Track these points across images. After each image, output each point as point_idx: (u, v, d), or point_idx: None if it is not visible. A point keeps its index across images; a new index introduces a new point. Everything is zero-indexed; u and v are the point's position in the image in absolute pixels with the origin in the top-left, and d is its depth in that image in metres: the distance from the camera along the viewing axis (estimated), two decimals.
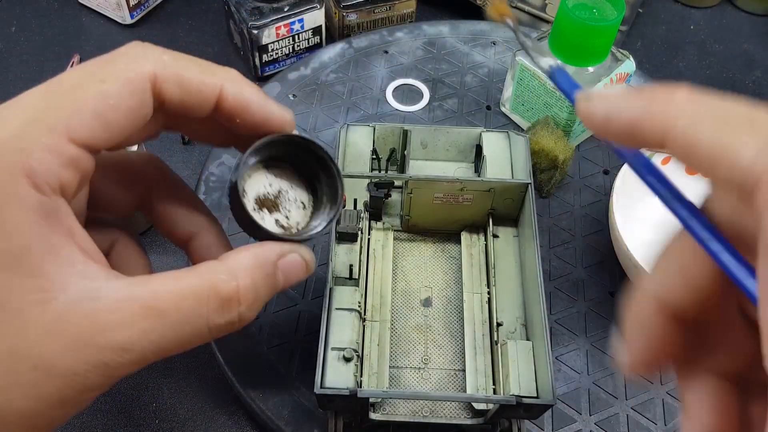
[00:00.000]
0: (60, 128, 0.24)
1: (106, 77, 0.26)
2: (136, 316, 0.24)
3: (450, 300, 0.42)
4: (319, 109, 0.56)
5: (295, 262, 0.29)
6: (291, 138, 0.30)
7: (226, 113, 0.28)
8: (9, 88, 0.58)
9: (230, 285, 0.26)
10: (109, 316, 0.24)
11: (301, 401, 0.41)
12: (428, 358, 0.40)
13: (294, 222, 0.31)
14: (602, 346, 0.44)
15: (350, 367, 0.34)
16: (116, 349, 0.24)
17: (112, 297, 0.24)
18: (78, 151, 0.25)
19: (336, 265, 0.39)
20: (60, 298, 0.23)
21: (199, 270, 0.26)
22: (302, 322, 0.44)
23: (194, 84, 0.27)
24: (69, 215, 0.25)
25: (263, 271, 0.27)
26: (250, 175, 0.32)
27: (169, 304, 0.25)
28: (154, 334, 0.24)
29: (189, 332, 0.25)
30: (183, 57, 0.28)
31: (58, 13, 0.65)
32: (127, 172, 0.31)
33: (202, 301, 0.25)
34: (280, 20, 0.56)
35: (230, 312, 0.26)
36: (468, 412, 0.37)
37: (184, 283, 0.25)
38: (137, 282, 0.25)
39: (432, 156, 0.46)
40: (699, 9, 0.71)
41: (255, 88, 0.29)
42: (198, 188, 0.50)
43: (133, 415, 0.42)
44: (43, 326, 0.23)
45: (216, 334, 0.26)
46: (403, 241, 0.45)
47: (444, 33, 0.62)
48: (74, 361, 0.23)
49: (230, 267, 0.27)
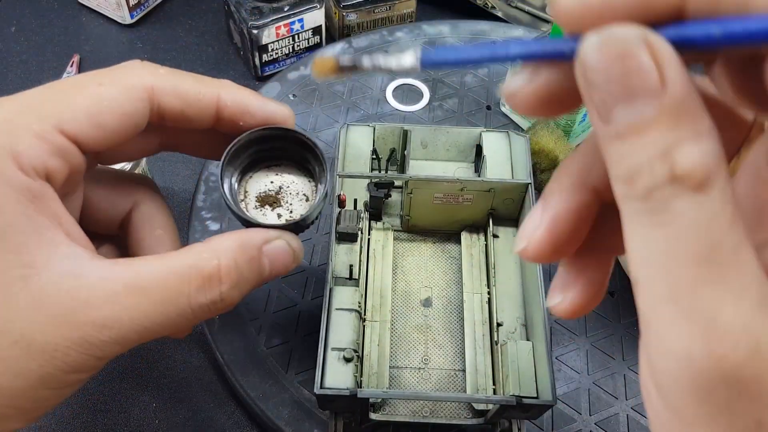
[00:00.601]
0: (51, 119, 0.25)
1: (104, 81, 0.26)
2: (119, 294, 0.24)
3: (450, 300, 0.42)
4: (319, 109, 0.56)
5: (281, 248, 0.29)
6: (257, 134, 0.31)
7: (228, 118, 0.29)
8: (9, 88, 0.58)
9: (212, 263, 0.26)
10: (91, 293, 0.24)
11: (301, 401, 0.41)
12: (428, 358, 0.40)
13: (297, 214, 0.32)
14: (602, 346, 0.44)
15: (350, 367, 0.34)
16: (97, 325, 0.24)
17: (95, 275, 0.24)
18: (66, 143, 0.25)
19: (336, 265, 0.39)
20: (42, 275, 0.24)
21: (182, 252, 0.27)
22: (302, 322, 0.44)
23: (192, 93, 0.28)
24: (55, 200, 0.25)
25: (246, 254, 0.28)
26: (251, 176, 0.32)
27: (152, 282, 0.25)
28: (137, 312, 0.25)
29: (172, 311, 0.25)
30: (179, 71, 0.29)
31: (57, 13, 0.65)
32: (118, 188, 0.32)
33: (184, 279, 0.26)
34: (280, 20, 0.56)
35: (212, 290, 0.26)
36: (468, 412, 0.37)
37: (167, 262, 0.26)
38: (121, 262, 0.25)
39: (432, 156, 0.46)
40: None
41: (251, 92, 0.30)
42: (198, 188, 0.50)
43: (132, 415, 0.42)
44: (25, 301, 0.23)
45: (199, 314, 0.26)
46: (403, 241, 0.45)
47: (444, 33, 0.62)
48: (54, 336, 0.23)
49: (213, 247, 0.27)
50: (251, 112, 0.29)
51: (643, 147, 0.16)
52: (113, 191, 0.31)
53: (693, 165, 0.15)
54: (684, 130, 0.15)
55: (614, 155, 0.16)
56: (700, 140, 0.15)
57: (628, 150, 0.16)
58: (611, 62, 0.15)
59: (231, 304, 0.28)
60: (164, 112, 0.28)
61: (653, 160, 0.15)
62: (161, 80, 0.27)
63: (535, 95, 0.18)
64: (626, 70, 0.15)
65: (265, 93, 0.56)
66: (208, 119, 0.29)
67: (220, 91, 0.29)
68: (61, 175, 0.25)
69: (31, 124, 0.24)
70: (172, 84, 0.27)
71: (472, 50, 0.19)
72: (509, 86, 0.18)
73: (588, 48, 0.16)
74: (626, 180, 0.16)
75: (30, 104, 0.25)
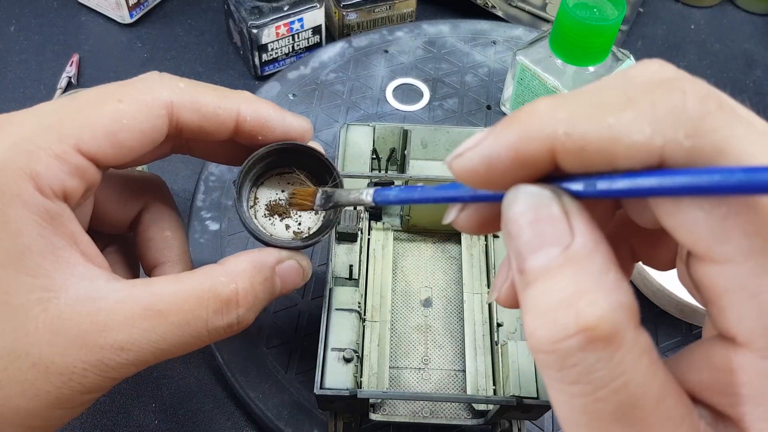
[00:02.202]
0: (70, 138, 0.24)
1: (123, 97, 0.26)
2: (137, 316, 0.24)
3: (450, 300, 0.42)
4: (319, 109, 0.55)
5: (293, 268, 0.29)
6: (274, 149, 0.30)
7: (247, 132, 0.29)
8: (8, 87, 0.58)
9: (229, 287, 0.26)
10: (109, 316, 0.24)
11: (301, 402, 0.41)
12: (428, 358, 0.40)
13: (305, 227, 0.31)
14: None
15: (350, 367, 0.34)
16: (115, 348, 0.24)
17: (112, 297, 0.24)
18: (85, 163, 0.25)
19: (336, 266, 0.39)
20: (61, 297, 0.24)
21: (198, 273, 0.27)
22: (302, 322, 0.44)
23: (211, 109, 0.28)
24: (72, 220, 0.25)
25: (261, 275, 0.28)
26: (262, 183, 0.32)
27: (170, 306, 0.25)
28: (154, 335, 0.25)
29: (188, 334, 0.25)
30: (199, 84, 0.28)
31: (57, 12, 0.65)
32: (128, 190, 0.32)
33: (202, 303, 0.26)
34: (279, 19, 0.56)
35: (229, 314, 0.26)
36: (468, 412, 0.37)
37: (184, 285, 0.26)
38: (138, 284, 0.25)
39: (432, 156, 0.46)
40: (699, 8, 0.70)
41: (270, 104, 0.30)
42: (197, 188, 0.50)
43: (132, 415, 0.42)
44: (43, 324, 0.23)
45: (215, 336, 0.26)
46: (403, 241, 0.45)
47: (444, 32, 0.62)
48: (72, 359, 0.23)
49: (229, 270, 0.27)
50: (271, 127, 0.29)
51: (550, 294, 0.16)
52: (124, 193, 0.31)
53: (597, 318, 0.15)
54: (589, 281, 0.16)
55: (526, 305, 0.17)
56: (605, 292, 0.15)
57: (537, 297, 0.16)
58: (525, 215, 0.17)
59: (246, 326, 0.28)
60: (182, 126, 0.27)
61: (558, 309, 0.16)
62: (180, 96, 0.27)
63: (468, 222, 0.20)
64: (539, 222, 0.17)
65: (264, 92, 0.56)
66: (227, 133, 0.29)
67: (240, 106, 0.28)
68: (78, 193, 0.25)
69: (50, 144, 0.24)
70: (192, 99, 0.27)
71: (413, 191, 0.23)
72: (448, 215, 0.21)
73: (506, 203, 0.17)
74: (531, 334, 0.16)
75: (50, 123, 0.25)
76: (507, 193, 0.17)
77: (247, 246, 0.47)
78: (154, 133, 0.26)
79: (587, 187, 0.17)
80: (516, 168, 0.17)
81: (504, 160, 0.17)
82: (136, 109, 0.26)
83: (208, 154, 0.32)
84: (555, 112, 0.16)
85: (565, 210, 0.17)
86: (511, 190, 0.17)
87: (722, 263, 0.15)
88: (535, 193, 0.17)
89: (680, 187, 0.15)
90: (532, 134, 0.17)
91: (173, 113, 0.27)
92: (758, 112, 0.62)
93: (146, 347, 0.25)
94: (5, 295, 0.23)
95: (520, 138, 0.17)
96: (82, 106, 0.25)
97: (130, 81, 0.27)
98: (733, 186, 0.14)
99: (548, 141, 0.16)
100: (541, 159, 0.17)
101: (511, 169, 0.17)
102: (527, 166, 0.17)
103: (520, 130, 0.17)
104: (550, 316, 0.16)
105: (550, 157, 0.17)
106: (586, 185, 0.17)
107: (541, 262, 0.16)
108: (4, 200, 0.23)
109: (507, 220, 0.17)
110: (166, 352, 0.25)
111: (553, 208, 0.17)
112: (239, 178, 0.29)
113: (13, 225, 0.23)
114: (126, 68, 0.61)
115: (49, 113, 0.25)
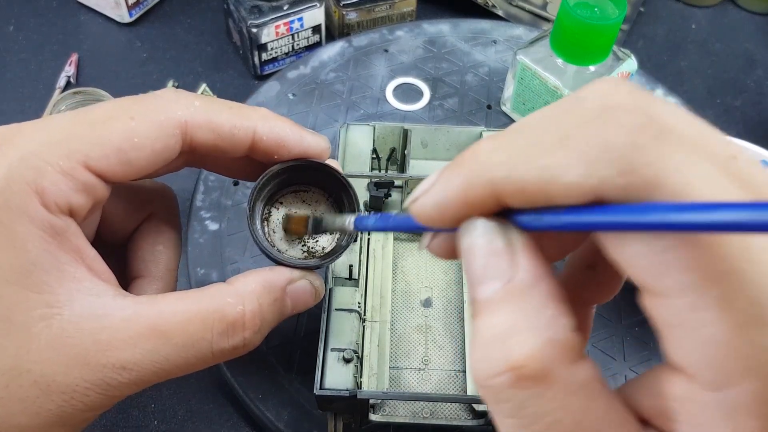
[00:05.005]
0: (78, 154, 0.24)
1: (135, 115, 0.25)
2: (141, 336, 0.24)
3: (450, 300, 0.42)
4: (319, 109, 0.55)
5: (304, 288, 0.29)
6: (289, 166, 0.29)
7: (262, 152, 0.28)
8: (7, 87, 0.58)
9: (236, 309, 0.26)
10: (113, 335, 0.24)
11: (301, 402, 0.41)
12: (428, 358, 0.40)
13: (320, 247, 0.31)
14: (603, 347, 0.44)
15: (350, 368, 0.34)
16: (117, 368, 0.24)
17: (117, 315, 0.24)
18: (93, 179, 0.25)
19: (336, 266, 0.39)
20: (64, 314, 0.23)
21: (206, 292, 0.26)
22: (302, 322, 0.44)
23: (227, 128, 0.27)
24: (78, 235, 0.25)
25: (271, 296, 0.27)
26: (278, 199, 0.31)
27: (175, 326, 0.25)
28: (157, 356, 0.24)
29: (192, 355, 0.25)
30: (214, 101, 0.28)
31: (56, 11, 0.65)
32: (135, 201, 0.31)
33: (207, 324, 0.25)
34: (279, 19, 0.56)
35: (235, 337, 0.26)
36: (468, 413, 0.37)
37: (190, 305, 0.25)
38: (144, 301, 0.25)
39: (432, 155, 0.46)
40: (700, 8, 0.70)
41: (288, 122, 0.29)
42: (197, 188, 0.50)
43: (132, 415, 0.42)
44: (47, 342, 0.23)
45: (219, 358, 0.26)
46: (403, 241, 0.45)
47: (444, 32, 0.62)
48: (74, 377, 0.23)
49: (238, 290, 0.26)
50: (288, 146, 0.29)
51: (488, 329, 0.16)
52: (130, 204, 0.31)
53: (525, 357, 0.15)
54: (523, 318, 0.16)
55: (473, 334, 0.17)
56: (537, 330, 0.16)
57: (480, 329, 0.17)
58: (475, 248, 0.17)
59: (252, 347, 0.27)
60: (196, 145, 0.27)
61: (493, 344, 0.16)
62: (195, 114, 0.26)
63: (440, 249, 0.21)
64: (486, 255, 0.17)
65: (264, 92, 0.56)
66: (242, 151, 0.28)
67: (256, 124, 0.28)
68: (84, 209, 0.25)
69: (57, 160, 0.24)
70: (207, 118, 0.27)
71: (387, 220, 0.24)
72: (422, 242, 0.21)
73: (459, 235, 0.18)
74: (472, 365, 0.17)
75: (59, 138, 0.24)
76: (461, 226, 0.18)
77: (246, 246, 0.47)
78: (165, 152, 0.26)
79: (534, 220, 0.17)
80: (466, 209, 0.18)
81: (453, 203, 0.18)
82: (149, 127, 0.25)
83: (223, 170, 0.32)
84: (494, 156, 0.17)
85: (510, 244, 0.17)
86: (464, 224, 0.18)
87: (663, 297, 0.15)
88: (484, 226, 0.18)
89: (612, 223, 0.15)
90: (474, 180, 0.17)
91: (187, 132, 0.26)
92: (758, 112, 0.62)
93: (149, 367, 0.24)
94: (8, 312, 0.23)
95: (464, 183, 0.17)
96: (94, 121, 0.25)
97: (144, 97, 0.26)
98: (655, 224, 0.14)
99: (490, 185, 0.17)
100: (487, 200, 0.17)
101: (462, 210, 0.18)
102: (476, 206, 0.18)
103: (464, 176, 0.18)
104: (486, 350, 0.16)
105: (495, 198, 0.17)
106: (534, 219, 0.17)
107: (485, 294, 0.17)
108: (10, 216, 0.23)
109: (461, 251, 0.18)
110: (169, 372, 0.25)
111: (497, 241, 0.17)
112: (252, 195, 0.29)
113: (19, 241, 0.23)
114: (125, 68, 0.61)
115: (60, 127, 0.25)
